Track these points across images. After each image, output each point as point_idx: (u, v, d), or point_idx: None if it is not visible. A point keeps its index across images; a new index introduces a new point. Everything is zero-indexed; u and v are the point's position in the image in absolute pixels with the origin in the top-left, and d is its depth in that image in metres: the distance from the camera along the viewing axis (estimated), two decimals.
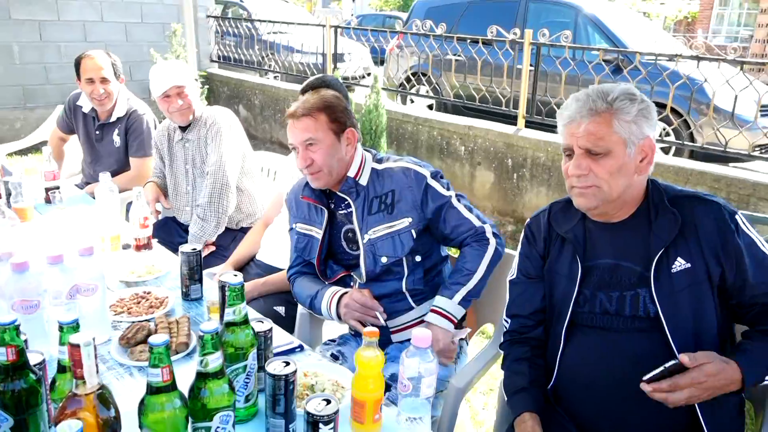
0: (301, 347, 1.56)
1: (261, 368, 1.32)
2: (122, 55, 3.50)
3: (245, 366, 1.25)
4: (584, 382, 1.46)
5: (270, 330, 1.35)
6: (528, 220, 1.66)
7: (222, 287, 1.53)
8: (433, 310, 1.78)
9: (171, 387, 1.02)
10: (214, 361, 1.06)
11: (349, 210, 1.88)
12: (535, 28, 4.96)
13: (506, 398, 1.55)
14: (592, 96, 1.39)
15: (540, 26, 5.07)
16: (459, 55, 5.51)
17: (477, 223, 1.85)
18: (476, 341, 2.64)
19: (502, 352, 1.65)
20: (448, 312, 1.77)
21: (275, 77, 7.89)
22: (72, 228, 2.13)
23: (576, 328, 1.49)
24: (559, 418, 1.48)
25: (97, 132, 3.17)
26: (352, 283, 1.93)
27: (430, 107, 6.93)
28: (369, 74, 9.58)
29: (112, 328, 1.59)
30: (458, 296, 1.78)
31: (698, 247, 1.37)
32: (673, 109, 4.44)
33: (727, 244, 1.36)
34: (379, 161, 1.92)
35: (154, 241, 2.15)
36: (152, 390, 1.01)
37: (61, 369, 1.05)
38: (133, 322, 1.59)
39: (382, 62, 7.64)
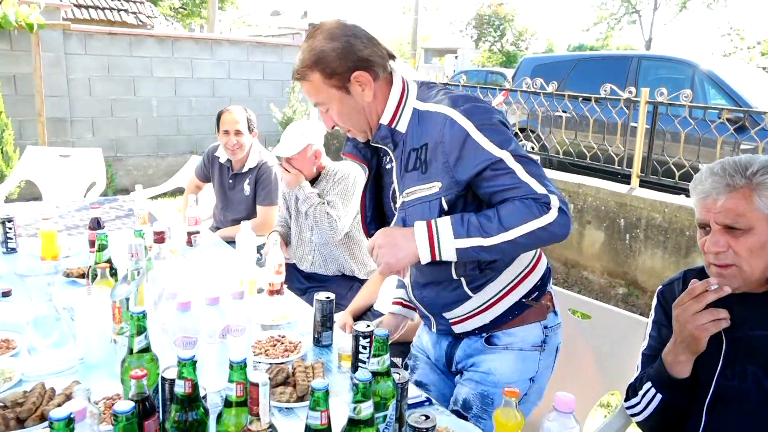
0: (429, 401, 1.58)
1: (397, 419, 1.37)
2: None
3: (385, 416, 1.29)
4: None
5: (407, 381, 1.40)
6: (660, 287, 1.60)
7: (356, 336, 1.60)
8: (428, 224, 1.44)
9: (327, 431, 1.08)
10: (367, 408, 1.11)
11: (391, 165, 1.58)
12: (648, 85, 4.86)
13: None
14: (729, 170, 1.33)
15: (653, 83, 4.97)
16: (570, 113, 5.48)
17: (539, 189, 1.37)
18: (597, 412, 2.52)
19: (627, 421, 1.60)
20: (438, 243, 1.41)
21: None
22: (213, 271, 2.31)
23: (721, 404, 1.41)
24: None
25: (230, 181, 3.44)
26: None
27: None
28: None
29: (253, 368, 1.70)
30: (463, 242, 1.40)
31: None
32: None
33: None
34: (426, 97, 1.51)
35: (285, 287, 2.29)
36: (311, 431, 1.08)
37: (227, 404, 1.13)
38: (271, 364, 1.69)
39: None
